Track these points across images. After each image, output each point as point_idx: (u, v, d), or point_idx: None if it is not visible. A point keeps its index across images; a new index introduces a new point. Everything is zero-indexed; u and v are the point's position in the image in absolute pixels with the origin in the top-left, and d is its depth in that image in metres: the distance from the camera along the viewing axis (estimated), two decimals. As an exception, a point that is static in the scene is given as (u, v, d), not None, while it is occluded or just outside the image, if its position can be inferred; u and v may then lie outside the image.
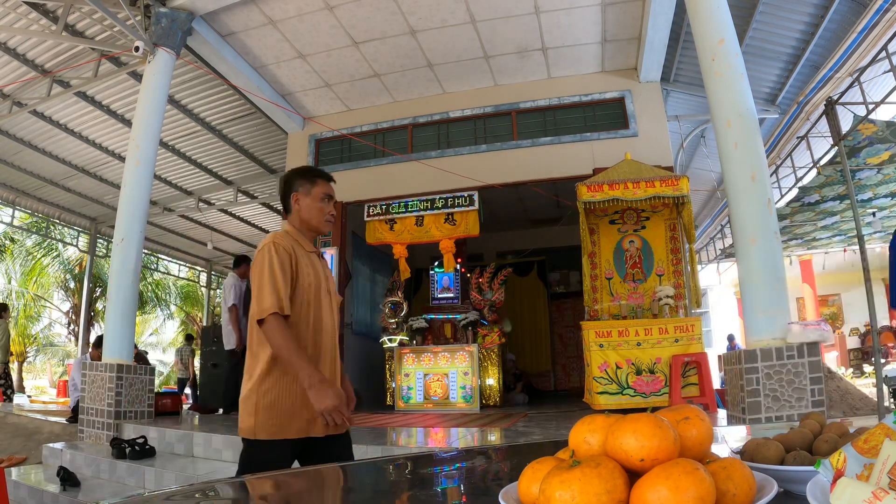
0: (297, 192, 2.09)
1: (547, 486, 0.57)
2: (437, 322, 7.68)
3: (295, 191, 2.09)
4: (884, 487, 0.49)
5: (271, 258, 1.90)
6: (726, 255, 11.41)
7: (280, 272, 1.88)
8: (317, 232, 2.13)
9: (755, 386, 3.90)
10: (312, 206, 2.08)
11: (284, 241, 1.97)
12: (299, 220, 2.08)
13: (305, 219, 2.08)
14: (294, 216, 2.09)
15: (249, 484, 1.24)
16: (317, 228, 2.11)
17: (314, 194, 2.08)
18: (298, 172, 2.15)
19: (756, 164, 4.21)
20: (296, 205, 2.08)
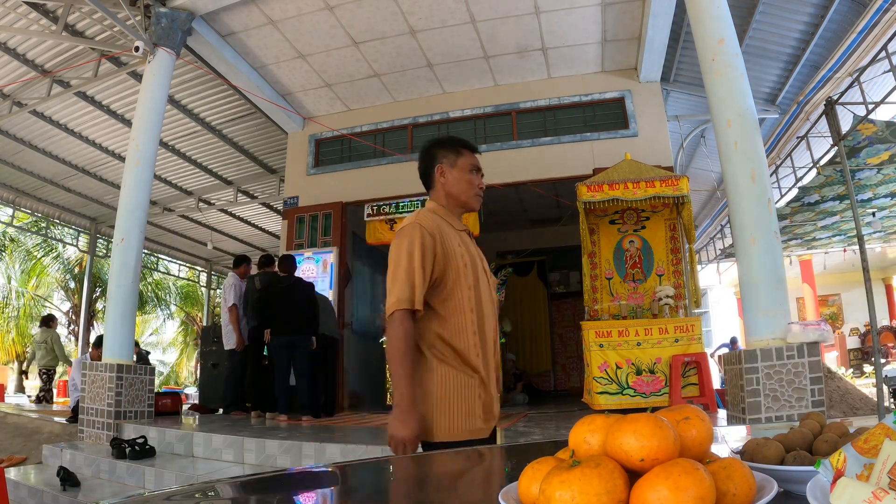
0: (441, 164, 1.84)
1: (547, 486, 0.57)
2: (437, 322, 7.67)
3: (439, 163, 1.84)
4: (884, 487, 0.49)
5: (412, 244, 1.67)
6: (726, 255, 11.41)
7: (420, 261, 1.65)
8: (466, 208, 1.88)
9: (755, 386, 3.90)
10: (461, 179, 1.83)
11: (430, 221, 1.74)
12: (445, 196, 1.85)
13: (453, 193, 1.84)
14: (439, 192, 1.85)
15: (246, 485, 1.24)
16: (466, 203, 1.86)
17: (461, 165, 1.84)
18: (440, 142, 1.90)
19: (756, 164, 4.21)
20: (441, 178, 1.84)
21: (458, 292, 1.72)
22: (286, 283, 5.96)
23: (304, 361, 5.85)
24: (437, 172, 1.85)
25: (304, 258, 7.89)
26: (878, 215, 8.25)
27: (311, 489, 1.17)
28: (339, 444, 3.98)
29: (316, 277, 7.70)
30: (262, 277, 6.32)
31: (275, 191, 11.23)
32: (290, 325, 5.81)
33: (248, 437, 4.28)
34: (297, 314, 5.83)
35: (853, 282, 12.59)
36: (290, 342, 5.79)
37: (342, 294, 7.90)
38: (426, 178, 1.89)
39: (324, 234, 8.13)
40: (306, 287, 6.11)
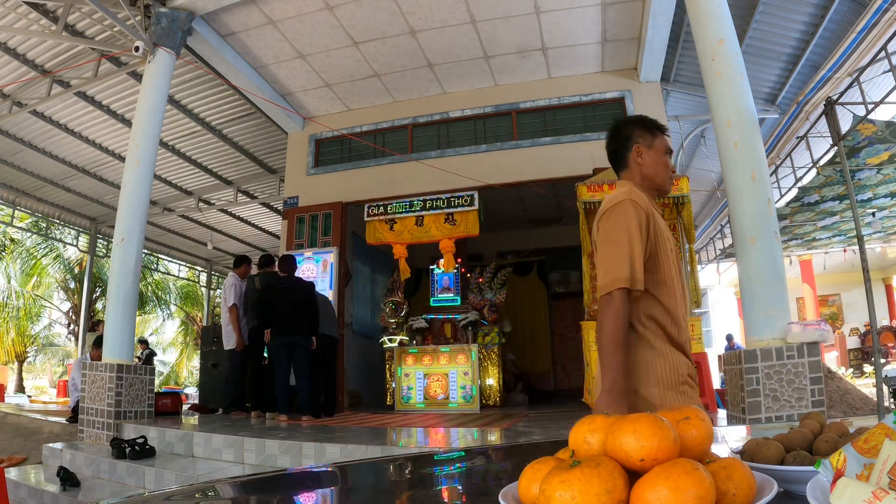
0: (638, 144, 1.77)
1: (547, 486, 0.57)
2: (437, 322, 7.68)
3: (636, 143, 1.77)
4: (884, 487, 0.49)
5: (628, 220, 1.60)
6: (726, 255, 11.41)
7: (637, 237, 1.58)
8: (660, 191, 1.80)
9: (755, 386, 3.90)
10: (658, 161, 1.76)
11: (641, 198, 1.67)
12: (640, 177, 1.77)
13: (650, 175, 1.76)
14: (633, 172, 1.78)
15: (246, 485, 1.24)
16: (661, 187, 1.79)
17: (657, 147, 1.77)
18: (637, 122, 1.83)
19: (756, 164, 4.21)
20: (638, 159, 1.77)
21: (668, 272, 1.66)
22: (286, 283, 5.96)
23: (304, 361, 5.85)
24: (633, 153, 1.78)
25: (304, 258, 7.89)
26: (877, 215, 8.25)
27: (311, 489, 1.17)
28: (339, 444, 3.98)
29: (316, 277, 7.70)
30: (262, 277, 6.32)
31: (275, 191, 11.23)
32: (290, 325, 5.80)
33: (248, 437, 4.28)
34: (296, 314, 5.83)
35: (853, 282, 12.60)
36: (290, 342, 5.79)
37: (342, 294, 7.90)
38: (618, 157, 1.82)
39: (324, 234, 8.13)
40: (306, 287, 6.11)
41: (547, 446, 1.21)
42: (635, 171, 1.78)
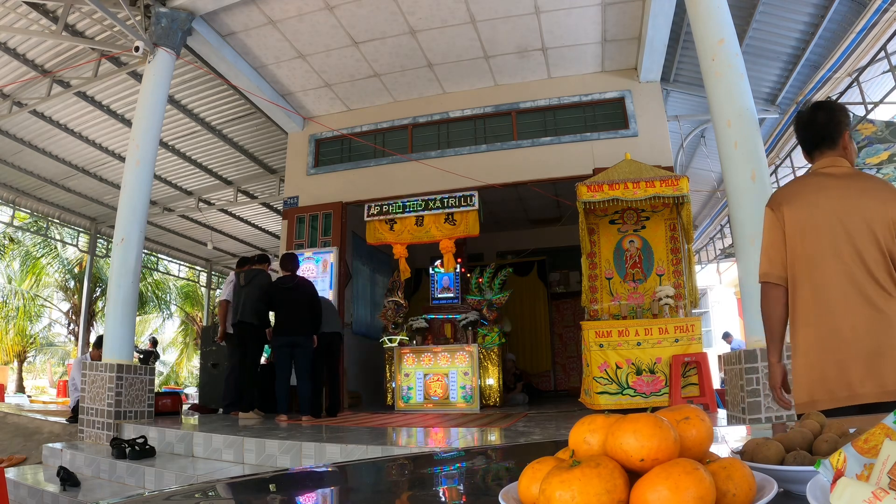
0: (848, 131, 1.87)
1: (547, 486, 0.57)
2: (437, 322, 7.69)
3: (847, 129, 1.87)
4: (884, 487, 0.49)
5: None
6: (726, 255, 11.41)
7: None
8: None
9: (755, 386, 3.90)
10: (854, 153, 1.90)
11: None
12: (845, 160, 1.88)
13: (850, 161, 1.88)
14: (840, 153, 1.87)
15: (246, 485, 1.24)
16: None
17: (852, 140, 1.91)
18: (847, 112, 1.93)
19: (756, 164, 4.21)
20: (848, 144, 1.86)
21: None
22: (289, 282, 5.95)
23: (306, 361, 5.84)
24: (846, 137, 1.86)
25: (304, 258, 7.89)
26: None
27: (311, 489, 1.17)
28: (339, 444, 3.98)
29: (316, 277, 7.70)
30: (246, 274, 6.26)
31: (275, 191, 11.23)
32: (293, 324, 5.79)
33: (248, 437, 4.28)
34: (299, 314, 5.82)
35: (853, 282, 12.56)
36: (292, 342, 5.78)
37: (342, 294, 7.91)
38: (830, 132, 1.87)
39: (324, 234, 8.14)
40: (309, 286, 6.10)
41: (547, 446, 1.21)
42: (842, 153, 1.87)
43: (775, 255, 1.78)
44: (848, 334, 1.72)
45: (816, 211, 1.76)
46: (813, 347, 1.76)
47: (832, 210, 1.76)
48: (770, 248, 1.79)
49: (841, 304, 1.73)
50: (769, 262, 1.79)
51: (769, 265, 1.79)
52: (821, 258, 1.74)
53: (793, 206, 1.79)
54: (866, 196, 1.76)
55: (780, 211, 1.79)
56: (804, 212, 1.77)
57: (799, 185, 1.87)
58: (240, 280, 6.22)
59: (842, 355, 1.71)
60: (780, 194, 1.84)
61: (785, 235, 1.77)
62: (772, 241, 1.79)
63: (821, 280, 1.74)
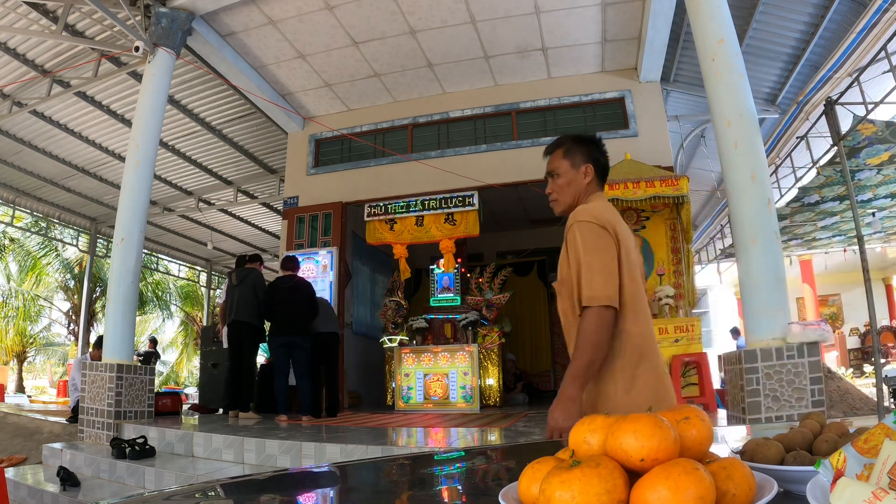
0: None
1: (547, 486, 0.57)
2: (437, 322, 7.69)
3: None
4: (884, 487, 0.49)
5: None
6: (726, 255, 11.40)
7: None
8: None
9: (755, 386, 3.90)
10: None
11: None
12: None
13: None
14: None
15: (246, 485, 1.24)
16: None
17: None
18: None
19: (756, 164, 4.21)
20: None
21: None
22: (288, 283, 5.95)
23: (304, 361, 5.84)
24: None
25: (304, 258, 7.89)
26: (878, 215, 8.25)
27: (311, 489, 1.17)
28: (339, 444, 3.98)
29: (316, 277, 7.70)
30: (237, 274, 6.22)
31: (275, 191, 11.23)
32: (291, 324, 5.79)
33: (248, 437, 4.28)
34: (297, 314, 5.82)
35: (853, 282, 12.58)
36: (290, 342, 5.78)
37: (342, 294, 7.91)
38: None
39: (324, 234, 8.14)
40: (307, 287, 6.10)
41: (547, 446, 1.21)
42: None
43: (615, 280, 1.60)
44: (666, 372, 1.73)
45: (629, 241, 1.72)
46: (663, 380, 1.67)
47: (633, 245, 1.74)
48: (612, 270, 1.60)
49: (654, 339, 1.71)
50: (613, 285, 1.58)
51: (613, 289, 1.58)
52: (639, 289, 1.69)
53: (621, 230, 1.69)
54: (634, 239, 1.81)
55: (615, 231, 1.66)
56: (627, 238, 1.71)
57: (613, 210, 1.78)
58: (232, 280, 6.20)
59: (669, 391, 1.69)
60: (607, 215, 1.70)
61: (620, 259, 1.64)
62: (612, 263, 1.61)
63: (645, 311, 1.68)
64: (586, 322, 1.57)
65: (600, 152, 1.90)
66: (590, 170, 1.86)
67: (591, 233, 1.65)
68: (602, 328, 1.56)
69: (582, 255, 1.63)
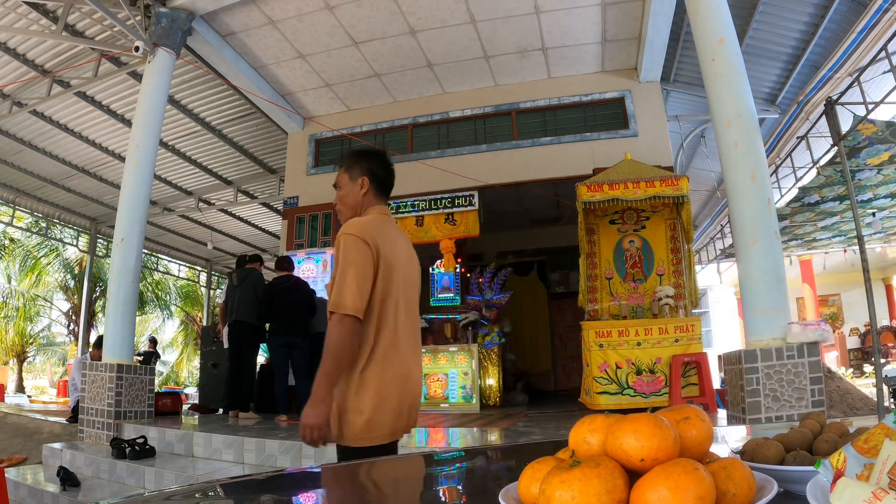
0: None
1: (547, 486, 0.57)
2: (437, 322, 7.68)
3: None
4: (884, 487, 0.49)
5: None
6: (726, 255, 11.39)
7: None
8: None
9: (755, 386, 3.90)
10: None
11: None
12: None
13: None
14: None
15: (248, 485, 1.24)
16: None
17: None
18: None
19: (756, 164, 4.21)
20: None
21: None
22: (286, 283, 5.95)
23: (303, 361, 5.84)
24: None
25: (304, 258, 7.89)
26: (878, 215, 8.24)
27: (311, 489, 1.17)
28: (339, 444, 3.97)
29: (316, 277, 7.70)
30: (238, 274, 6.23)
31: (275, 191, 11.23)
32: (289, 325, 5.79)
33: (248, 437, 4.28)
34: (296, 314, 5.82)
35: (853, 282, 12.57)
36: (289, 342, 5.78)
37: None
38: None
39: (324, 234, 8.14)
40: (306, 287, 6.10)
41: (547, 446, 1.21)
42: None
43: (366, 292, 1.75)
44: (415, 379, 1.88)
45: (394, 255, 1.84)
46: (392, 385, 1.78)
47: (403, 258, 1.89)
48: (364, 283, 1.74)
49: (410, 350, 1.87)
50: (361, 297, 1.73)
51: (361, 300, 1.72)
52: (396, 303, 1.83)
53: (384, 245, 1.81)
54: (412, 251, 1.99)
55: (376, 246, 1.78)
56: (390, 254, 1.82)
57: (381, 225, 1.88)
58: (232, 280, 6.20)
59: (410, 397, 1.83)
60: (372, 229, 1.81)
61: (376, 272, 1.77)
62: (366, 277, 1.75)
63: (394, 324, 1.82)
64: (331, 327, 1.72)
65: (380, 166, 1.99)
66: (366, 182, 1.95)
67: (352, 245, 1.77)
68: (343, 334, 1.71)
69: (341, 265, 1.77)
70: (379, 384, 1.75)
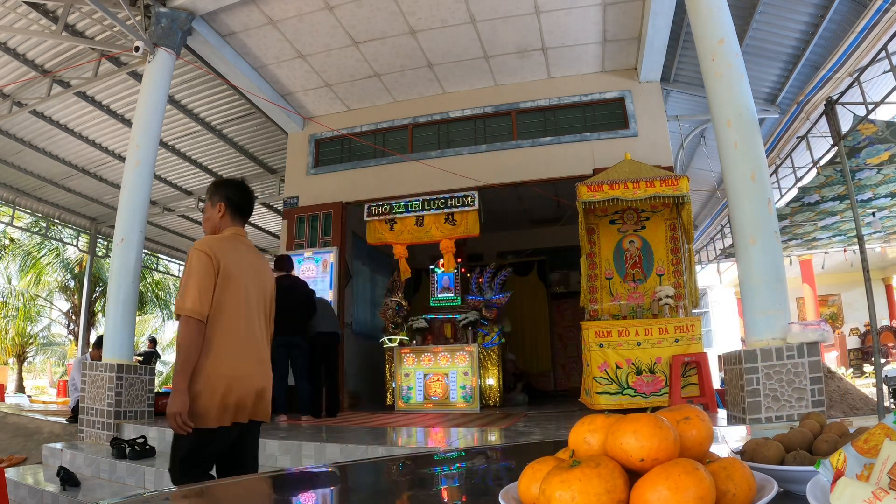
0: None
1: (547, 486, 0.57)
2: (437, 322, 7.69)
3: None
4: (884, 487, 0.49)
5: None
6: (726, 255, 11.39)
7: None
8: None
9: (755, 386, 3.90)
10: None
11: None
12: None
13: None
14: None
15: (243, 485, 1.24)
16: None
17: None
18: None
19: (756, 164, 4.21)
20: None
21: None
22: (285, 283, 5.95)
23: (303, 361, 5.84)
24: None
25: (304, 258, 7.89)
26: (878, 215, 8.24)
27: (311, 489, 1.17)
28: (339, 444, 3.98)
29: (316, 277, 7.70)
30: None
31: (275, 191, 11.23)
32: (289, 325, 5.78)
33: (248, 437, 4.27)
34: (295, 314, 5.81)
35: (853, 282, 12.58)
36: (289, 342, 5.77)
37: (342, 294, 7.90)
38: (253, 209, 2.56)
39: (324, 234, 8.14)
40: (305, 287, 6.10)
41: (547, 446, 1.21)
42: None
43: (207, 297, 2.09)
44: (249, 379, 2.20)
45: (237, 269, 2.21)
46: (221, 381, 2.09)
47: (249, 272, 2.28)
48: (205, 290, 2.08)
49: (246, 354, 2.21)
50: (202, 302, 2.07)
51: (202, 305, 2.07)
52: (237, 309, 2.18)
53: (226, 259, 2.17)
54: (266, 269, 2.48)
55: (217, 260, 2.14)
56: (233, 267, 2.19)
57: (228, 243, 2.26)
58: None
59: (238, 395, 2.14)
60: (216, 246, 2.18)
61: (216, 282, 2.12)
62: (207, 285, 2.09)
63: (229, 328, 2.15)
64: (179, 327, 2.11)
65: (235, 193, 2.39)
66: (222, 207, 2.35)
67: (198, 259, 2.12)
68: (187, 333, 2.06)
69: (185, 273, 2.13)
70: (209, 379, 2.08)
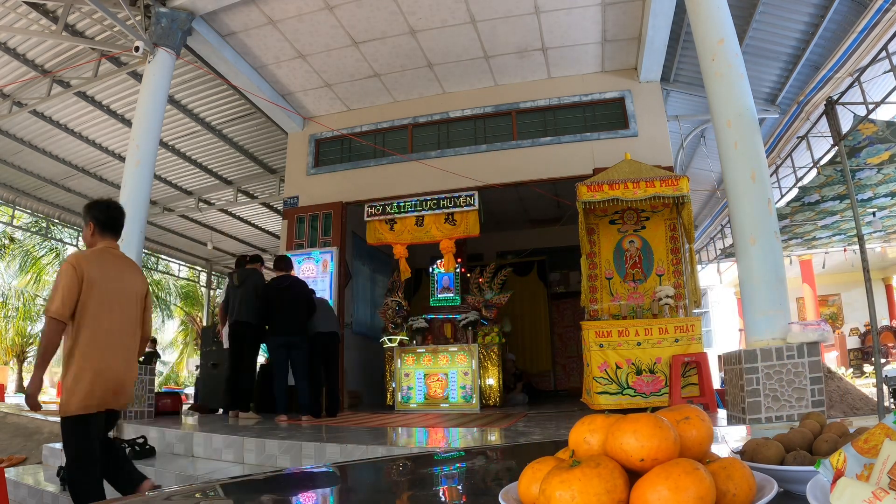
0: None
1: (547, 486, 0.57)
2: (437, 322, 7.68)
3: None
4: (884, 487, 0.49)
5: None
6: (726, 255, 11.39)
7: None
8: None
9: (755, 386, 3.90)
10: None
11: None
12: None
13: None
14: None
15: (246, 485, 1.24)
16: None
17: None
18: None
19: (756, 164, 4.21)
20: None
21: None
22: (284, 283, 5.95)
23: (302, 361, 5.83)
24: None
25: (303, 258, 7.89)
26: (878, 215, 8.25)
27: (311, 489, 1.17)
28: (339, 444, 3.98)
29: (316, 277, 7.70)
30: (239, 274, 6.21)
31: (275, 191, 11.23)
32: (289, 325, 5.78)
33: (248, 437, 4.28)
34: (295, 314, 5.81)
35: (853, 282, 12.59)
36: (289, 342, 5.77)
37: (342, 294, 7.90)
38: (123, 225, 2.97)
39: (324, 234, 8.14)
40: (304, 287, 6.09)
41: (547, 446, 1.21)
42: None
43: (70, 303, 2.54)
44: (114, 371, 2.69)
45: (102, 277, 2.67)
46: (87, 373, 2.57)
47: (115, 280, 2.74)
48: (69, 297, 2.54)
49: (113, 349, 2.69)
50: (65, 306, 2.53)
51: (65, 308, 2.53)
52: (101, 312, 2.64)
53: (90, 269, 2.64)
54: (134, 275, 2.90)
55: (81, 270, 2.60)
56: (97, 276, 2.64)
57: (97, 256, 2.72)
58: (233, 280, 6.18)
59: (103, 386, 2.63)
60: (82, 259, 2.65)
61: (80, 288, 2.57)
62: (71, 292, 2.55)
63: (94, 327, 2.61)
64: (44, 326, 2.61)
65: (99, 212, 2.83)
66: (92, 226, 2.82)
67: (65, 271, 2.61)
68: (49, 331, 2.56)
69: (55, 282, 2.64)
70: (77, 371, 2.56)
